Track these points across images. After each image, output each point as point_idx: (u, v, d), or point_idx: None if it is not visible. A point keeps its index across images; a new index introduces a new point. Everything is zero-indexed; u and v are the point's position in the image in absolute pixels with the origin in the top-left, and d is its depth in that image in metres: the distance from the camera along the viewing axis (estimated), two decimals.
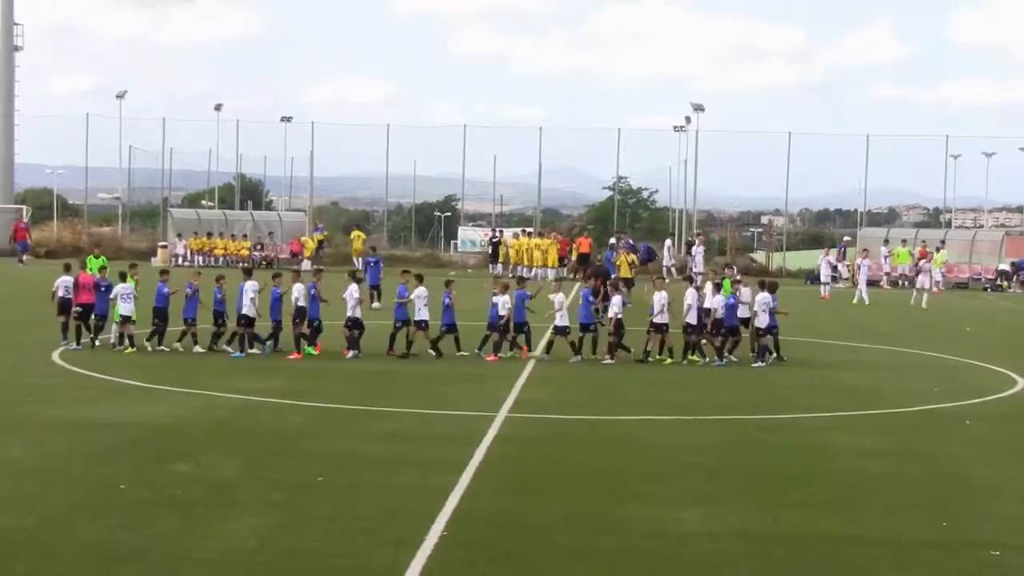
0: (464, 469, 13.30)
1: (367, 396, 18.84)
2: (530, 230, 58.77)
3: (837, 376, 22.84)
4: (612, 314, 23.79)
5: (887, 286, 50.77)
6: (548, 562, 10.08)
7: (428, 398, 18.70)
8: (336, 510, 11.49)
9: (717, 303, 24.12)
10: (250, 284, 23.76)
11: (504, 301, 23.79)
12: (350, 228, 67.31)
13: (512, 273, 49.42)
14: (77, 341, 24.04)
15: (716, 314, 24.04)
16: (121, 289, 24.10)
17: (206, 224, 61.40)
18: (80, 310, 24.34)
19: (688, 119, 63.86)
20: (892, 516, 11.83)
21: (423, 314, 23.72)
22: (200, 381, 19.77)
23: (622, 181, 73.47)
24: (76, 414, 16.77)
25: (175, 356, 23.27)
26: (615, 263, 41.92)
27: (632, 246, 46.40)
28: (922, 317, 37.02)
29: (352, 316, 23.66)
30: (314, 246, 57.24)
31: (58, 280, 24.84)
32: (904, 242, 54.34)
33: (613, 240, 49.96)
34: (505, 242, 55.56)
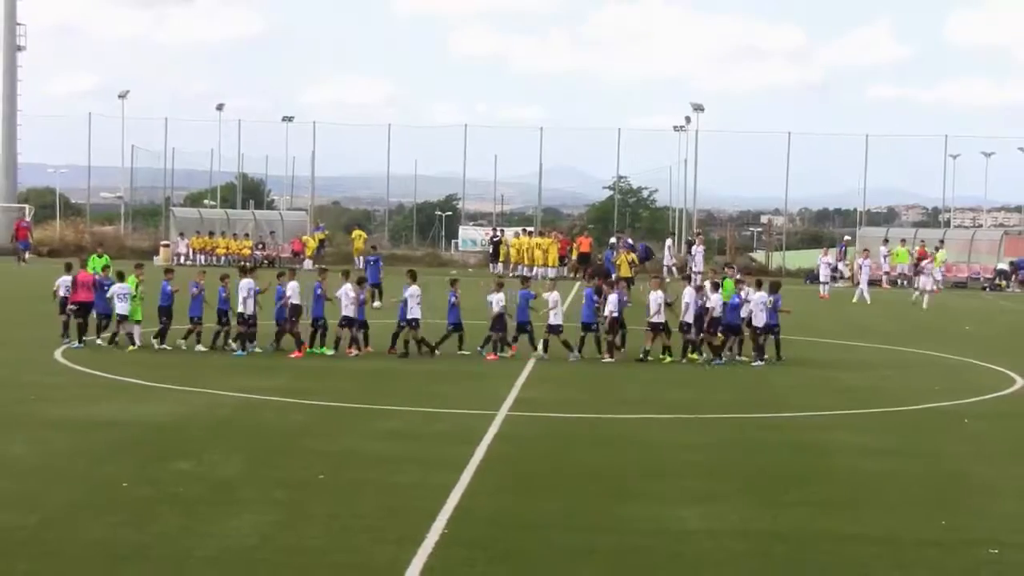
0: (465, 467, 13.33)
1: (368, 394, 18.88)
2: (531, 229, 58.81)
3: (837, 375, 22.89)
4: (607, 312, 23.85)
5: (887, 285, 50.84)
6: (548, 560, 10.11)
7: (429, 397, 18.74)
8: (337, 508, 11.52)
9: (715, 302, 24.17)
10: (245, 282, 23.80)
11: (499, 299, 23.85)
12: (351, 227, 67.39)
13: (513, 272, 49.53)
14: (79, 339, 24.10)
15: (714, 313, 24.10)
16: (118, 288, 24.12)
17: (208, 223, 61.48)
18: (75, 307, 24.35)
19: (688, 119, 63.96)
20: (892, 514, 11.85)
21: (415, 312, 23.79)
22: (202, 380, 19.81)
23: (622, 181, 73.58)
24: (79, 412, 16.80)
25: (178, 355, 23.29)
26: (615, 262, 41.99)
27: (630, 245, 46.49)
28: (921, 316, 37.08)
29: (346, 315, 23.69)
30: (315, 245, 57.35)
31: (59, 279, 24.92)
32: (903, 242, 54.42)
33: (613, 240, 50.04)
34: (506, 241, 55.64)
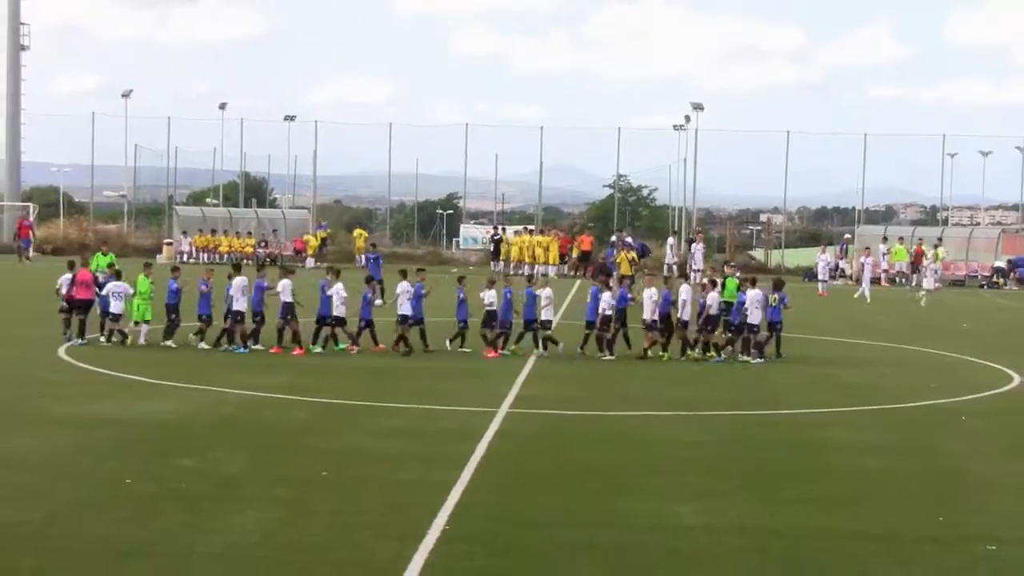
0: (466, 464, 13.42)
1: (371, 392, 18.96)
2: (531, 228, 58.91)
3: (835, 372, 22.96)
4: (601, 310, 23.94)
5: (886, 284, 50.93)
6: (548, 556, 10.20)
7: (431, 394, 18.82)
8: (340, 504, 11.60)
9: (712, 300, 24.30)
10: (239, 281, 23.86)
11: (492, 295, 23.94)
12: (353, 226, 67.47)
13: (514, 270, 49.63)
14: (80, 336, 24.18)
15: (710, 311, 24.22)
16: (113, 287, 24.21)
17: (211, 221, 61.53)
18: (67, 305, 24.40)
19: (688, 118, 63.90)
20: (890, 511, 11.92)
21: (404, 309, 23.88)
22: (206, 377, 19.89)
23: (622, 179, 73.59)
24: (83, 410, 16.89)
25: (181, 352, 23.33)
26: (616, 261, 42.15)
27: (627, 243, 46.67)
28: (920, 314, 37.13)
29: (337, 315, 23.71)
30: (317, 244, 57.43)
31: (61, 278, 24.96)
32: (901, 240, 54.51)
33: (614, 238, 50.20)
34: (507, 240, 55.71)
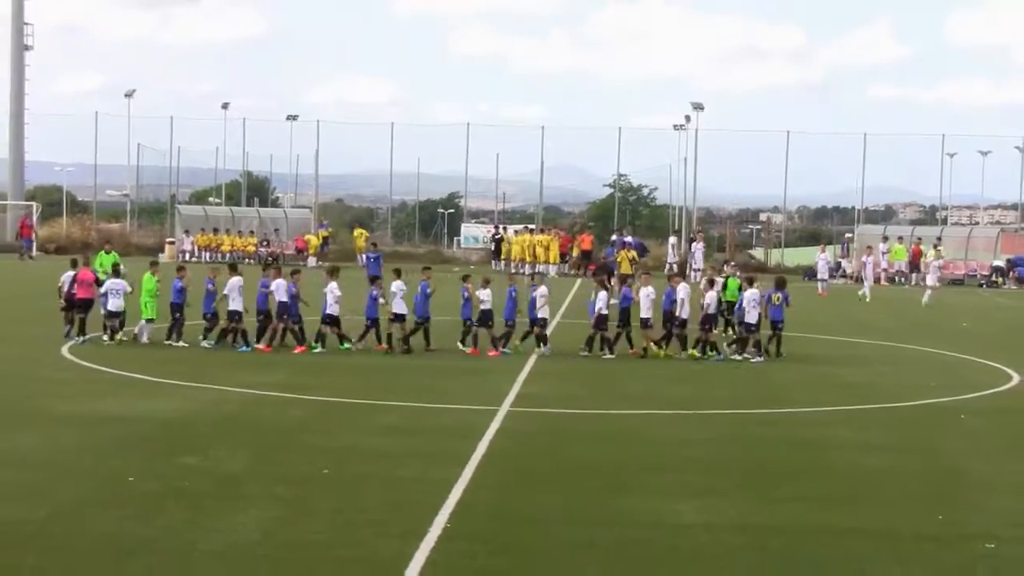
0: (467, 462, 13.45)
1: (372, 390, 19.01)
2: (532, 227, 58.98)
3: (835, 371, 22.99)
4: (597, 309, 23.98)
5: (885, 283, 51.00)
6: (548, 553, 10.24)
7: (432, 392, 18.86)
8: (341, 502, 11.64)
9: (710, 299, 24.37)
10: (234, 280, 23.92)
11: (487, 294, 23.98)
12: (354, 225, 67.52)
13: (516, 269, 49.68)
14: (81, 333, 24.18)
15: (708, 310, 24.28)
16: (111, 284, 24.27)
17: (213, 220, 61.68)
18: (70, 304, 24.46)
19: (688, 118, 63.96)
20: (890, 509, 11.95)
21: (399, 307, 23.90)
22: (208, 375, 19.93)
23: (623, 179, 73.69)
24: (86, 408, 16.94)
25: (184, 351, 23.39)
26: (616, 260, 42.24)
27: (624, 243, 46.74)
28: (919, 313, 37.18)
29: (329, 313, 23.72)
30: (318, 243, 57.48)
31: (64, 276, 25.06)
32: (901, 239, 54.57)
33: (615, 237, 50.28)
34: (508, 238, 55.76)
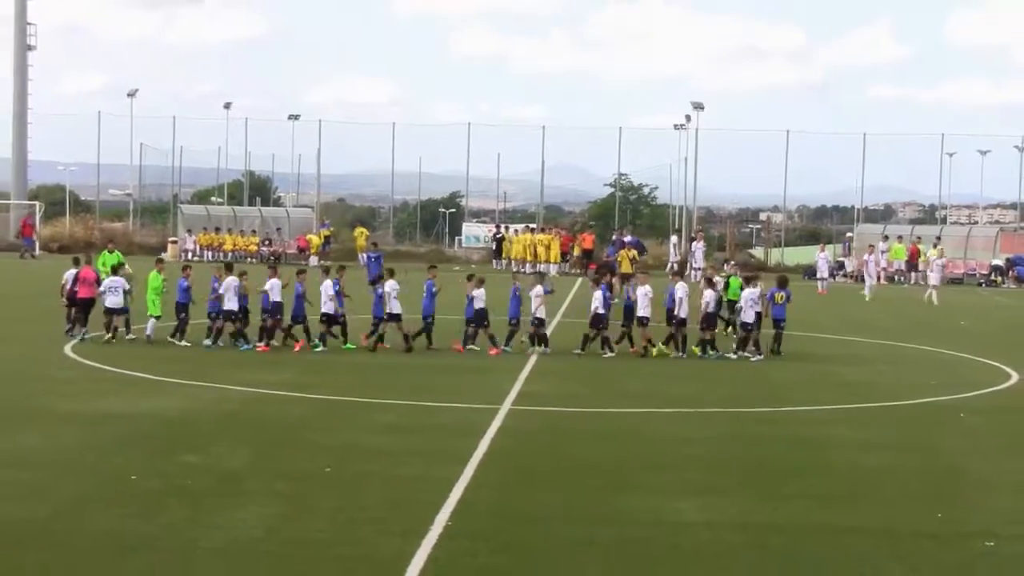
0: (468, 460, 13.47)
1: (373, 388, 19.05)
2: (533, 226, 59.06)
3: (835, 370, 23.03)
4: (593, 308, 24.00)
5: (884, 282, 51.08)
6: (549, 552, 10.25)
7: (432, 390, 18.88)
8: (342, 500, 11.66)
9: (709, 297, 24.41)
10: (229, 280, 23.95)
11: (480, 294, 24.00)
12: (356, 224, 67.58)
13: (517, 268, 49.76)
14: (82, 326, 24.16)
15: (707, 309, 24.31)
16: (111, 282, 24.32)
17: (215, 220, 61.83)
18: (70, 303, 24.50)
19: (688, 117, 63.99)
20: (889, 507, 11.97)
21: (395, 307, 23.91)
22: (210, 374, 19.95)
23: (623, 178, 73.76)
24: (88, 406, 16.97)
25: (186, 349, 23.43)
26: (617, 259, 42.32)
27: (624, 242, 46.81)
28: (918, 312, 37.23)
29: (325, 311, 23.73)
30: (320, 242, 57.52)
31: (66, 274, 25.14)
32: (900, 238, 54.62)
33: (615, 236, 50.38)
34: (509, 238, 55.82)
